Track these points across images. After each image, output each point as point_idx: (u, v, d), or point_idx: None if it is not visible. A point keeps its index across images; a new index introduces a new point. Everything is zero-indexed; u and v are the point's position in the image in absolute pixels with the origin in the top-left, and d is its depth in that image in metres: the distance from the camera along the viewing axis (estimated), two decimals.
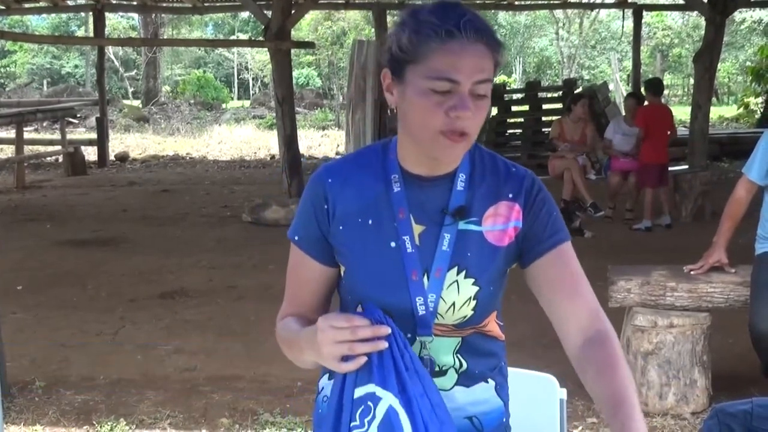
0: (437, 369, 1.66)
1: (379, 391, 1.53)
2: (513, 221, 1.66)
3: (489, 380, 1.72)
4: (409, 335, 1.62)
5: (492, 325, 1.71)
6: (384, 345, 1.53)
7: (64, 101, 20.57)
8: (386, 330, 1.53)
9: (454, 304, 1.62)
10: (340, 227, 1.66)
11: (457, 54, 1.50)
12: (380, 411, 1.53)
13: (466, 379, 1.68)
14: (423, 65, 1.52)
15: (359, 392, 1.55)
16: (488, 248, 1.64)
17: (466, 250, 1.63)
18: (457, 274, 1.62)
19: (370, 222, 1.65)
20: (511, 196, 1.66)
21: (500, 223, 1.65)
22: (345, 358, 1.53)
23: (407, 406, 1.52)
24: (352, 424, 1.55)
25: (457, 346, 1.66)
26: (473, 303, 1.63)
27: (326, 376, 1.72)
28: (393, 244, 1.63)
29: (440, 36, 1.50)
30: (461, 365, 1.67)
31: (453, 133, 1.53)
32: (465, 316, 1.64)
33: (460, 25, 1.50)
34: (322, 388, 1.74)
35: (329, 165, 1.73)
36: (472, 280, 1.62)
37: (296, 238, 1.73)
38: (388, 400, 1.52)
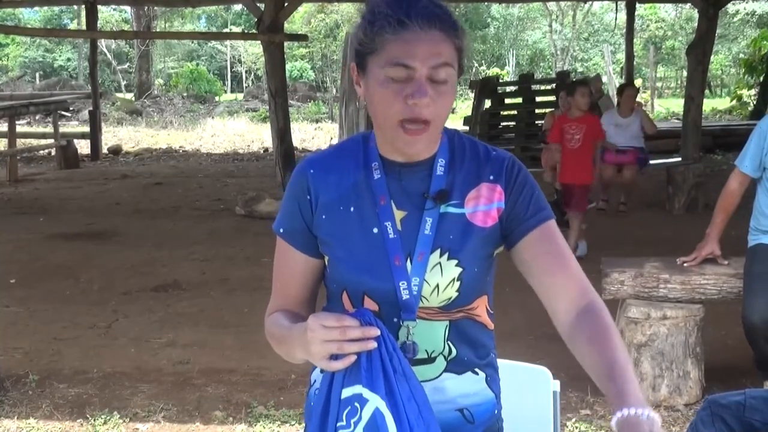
0: (426, 356, 1.66)
1: (366, 393, 1.53)
2: (496, 202, 1.67)
3: (479, 372, 1.72)
4: (395, 320, 1.63)
5: (481, 309, 1.71)
6: (373, 345, 1.53)
7: (57, 94, 20.46)
8: (375, 331, 1.54)
9: (438, 285, 1.63)
10: (323, 216, 1.68)
11: (411, 42, 1.53)
12: (366, 413, 1.53)
13: (455, 365, 1.68)
14: (380, 55, 1.55)
15: (347, 393, 1.55)
16: (471, 229, 1.65)
17: (449, 232, 1.64)
18: (440, 256, 1.64)
19: (352, 209, 1.66)
20: (492, 177, 1.68)
21: (483, 204, 1.66)
22: (334, 357, 1.53)
23: (394, 409, 1.52)
24: (338, 424, 1.55)
25: (446, 331, 1.67)
26: (457, 284, 1.64)
27: (319, 368, 1.72)
28: (375, 230, 1.64)
29: (393, 26, 1.53)
30: (450, 351, 1.68)
31: (412, 122, 1.55)
32: (450, 298, 1.64)
33: (411, 14, 1.52)
34: (315, 380, 1.74)
35: (311, 157, 1.74)
36: (455, 261, 1.63)
37: (281, 230, 1.74)
38: (375, 402, 1.52)
